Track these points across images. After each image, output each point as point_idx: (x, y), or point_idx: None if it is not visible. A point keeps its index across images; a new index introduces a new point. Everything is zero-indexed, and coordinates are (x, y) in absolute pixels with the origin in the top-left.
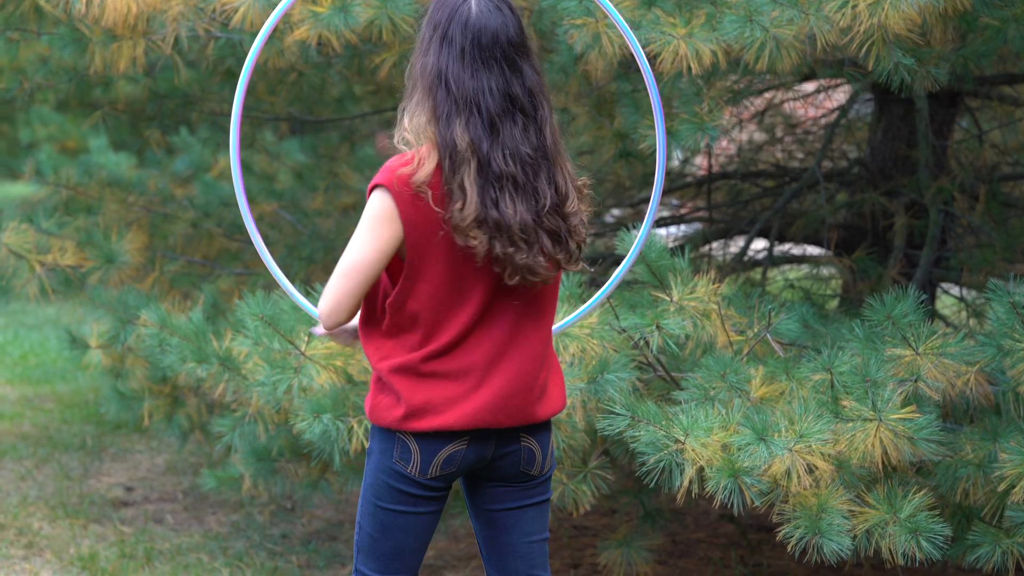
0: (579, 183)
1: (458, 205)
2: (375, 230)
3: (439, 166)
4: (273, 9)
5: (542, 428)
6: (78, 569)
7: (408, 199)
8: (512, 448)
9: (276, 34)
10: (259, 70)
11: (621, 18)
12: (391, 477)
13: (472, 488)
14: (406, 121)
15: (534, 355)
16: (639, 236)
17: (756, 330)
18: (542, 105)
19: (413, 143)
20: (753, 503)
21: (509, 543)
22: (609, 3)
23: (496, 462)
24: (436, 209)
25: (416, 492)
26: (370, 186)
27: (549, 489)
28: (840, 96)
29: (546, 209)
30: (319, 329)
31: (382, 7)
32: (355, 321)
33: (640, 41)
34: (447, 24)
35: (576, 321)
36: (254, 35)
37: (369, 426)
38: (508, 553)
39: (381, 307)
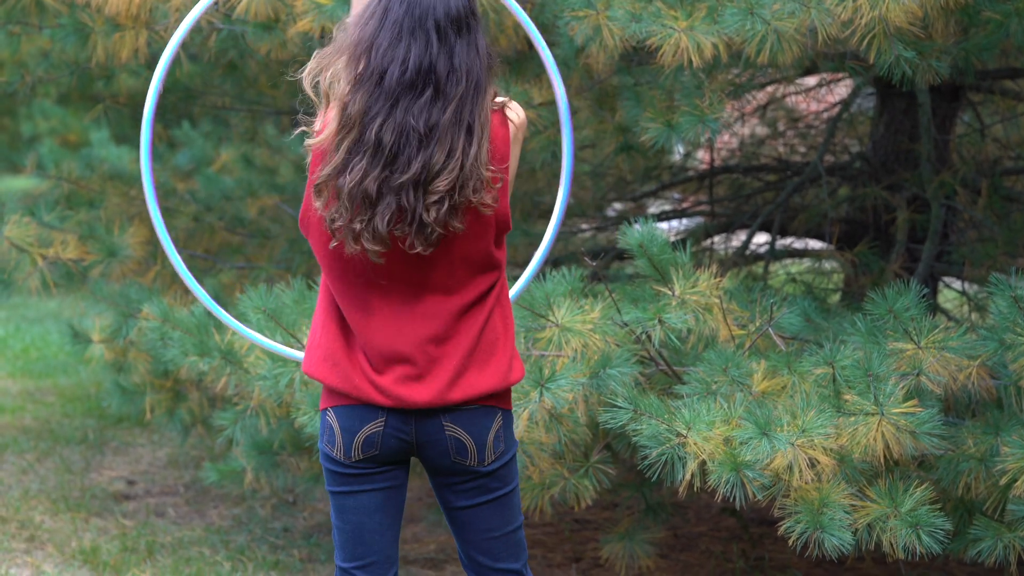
0: (486, 173)
1: (325, 167)
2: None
3: (335, 130)
4: None
5: (470, 416)
6: (80, 562)
7: (315, 160)
8: (435, 437)
9: (279, 25)
10: (261, 62)
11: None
12: (326, 461)
13: (433, 483)
14: (328, 73)
15: (435, 334)
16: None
17: (758, 324)
18: (461, 83)
19: (324, 91)
20: (755, 497)
21: (470, 539)
22: None
23: (423, 451)
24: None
25: (351, 472)
26: None
27: (509, 480)
28: (842, 90)
29: (401, 182)
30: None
31: None
32: None
33: (641, 34)
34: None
35: (525, 287)
36: (257, 26)
37: None
38: (472, 548)
39: None
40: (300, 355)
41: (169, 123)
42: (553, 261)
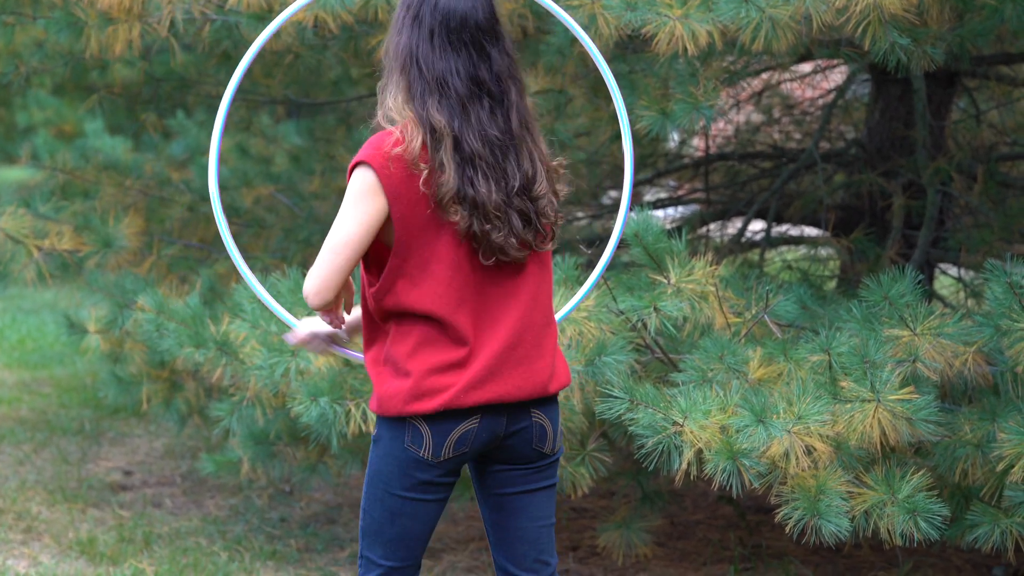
0: (553, 164)
1: (443, 179)
2: (360, 205)
3: (424, 143)
4: None
5: (552, 403)
6: (77, 553)
7: (394, 176)
8: (524, 424)
9: (272, 15)
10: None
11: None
12: (404, 463)
13: (480, 472)
14: (389, 101)
15: (535, 330)
16: (621, 216)
17: (754, 311)
18: (510, 89)
19: (397, 120)
20: (751, 485)
21: (518, 527)
22: None
23: (508, 440)
24: (424, 186)
25: (428, 478)
26: (351, 164)
27: (556, 473)
28: (837, 77)
29: (515, 190)
30: (292, 337)
31: None
32: (327, 327)
33: (636, 22)
34: (419, 5)
35: (577, 306)
36: (250, 17)
37: (365, 408)
38: (516, 538)
39: (371, 298)
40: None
41: (163, 113)
42: None
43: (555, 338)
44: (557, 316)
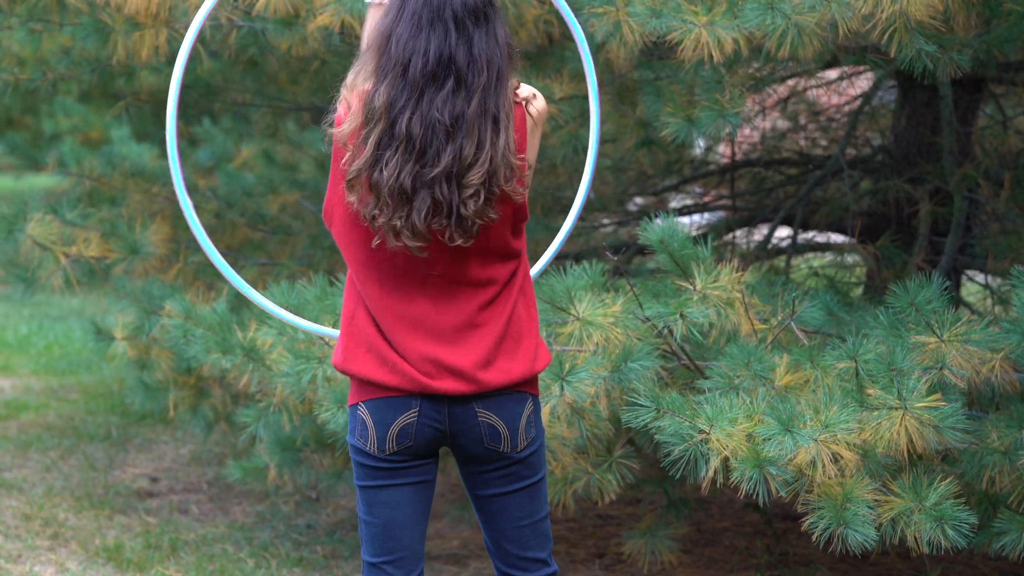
0: (513, 160)
1: (356, 159)
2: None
3: (361, 124)
4: None
5: (502, 402)
6: (103, 560)
7: (337, 150)
8: (469, 423)
9: (299, 20)
10: (282, 58)
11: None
12: (357, 455)
13: (462, 472)
14: (351, 76)
15: (466, 322)
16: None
17: (780, 318)
18: (483, 73)
19: (346, 96)
20: (778, 493)
21: (500, 528)
22: None
23: (457, 439)
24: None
25: (383, 466)
26: None
27: (539, 469)
28: (863, 83)
29: (433, 175)
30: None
31: None
32: None
33: (661, 29)
34: None
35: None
36: (277, 23)
37: None
38: (500, 537)
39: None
40: (333, 332)
41: (190, 120)
42: (575, 255)
43: (500, 331)
44: (533, 271)
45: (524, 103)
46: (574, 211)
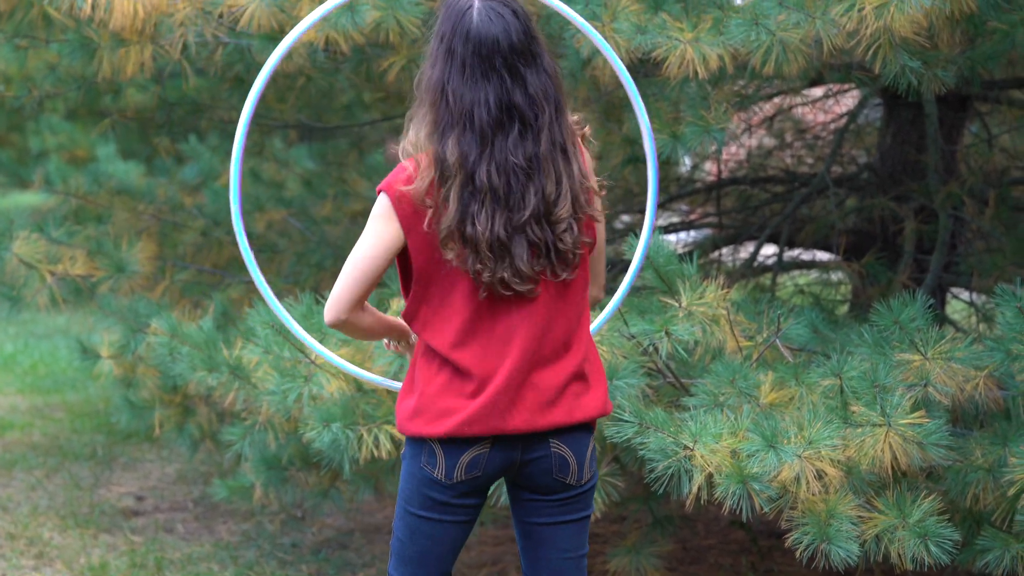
0: (589, 184)
1: (443, 216)
2: (376, 227)
3: (433, 181)
4: (279, 8)
5: (575, 433)
6: None
7: (406, 209)
8: (540, 453)
9: (282, 35)
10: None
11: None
12: (420, 482)
13: (514, 498)
14: (411, 134)
15: (546, 361)
16: (643, 242)
17: (765, 336)
18: (544, 111)
19: (413, 154)
20: (762, 509)
21: (545, 557)
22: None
23: (526, 468)
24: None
25: (443, 498)
26: (378, 189)
27: (591, 504)
28: (849, 101)
29: (524, 219)
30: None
31: (389, 8)
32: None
33: (646, 45)
34: (451, 36)
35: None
36: (263, 39)
37: (377, 434)
38: (543, 567)
39: (403, 319)
40: (396, 385)
41: (176, 137)
42: None
43: (580, 366)
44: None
45: (580, 128)
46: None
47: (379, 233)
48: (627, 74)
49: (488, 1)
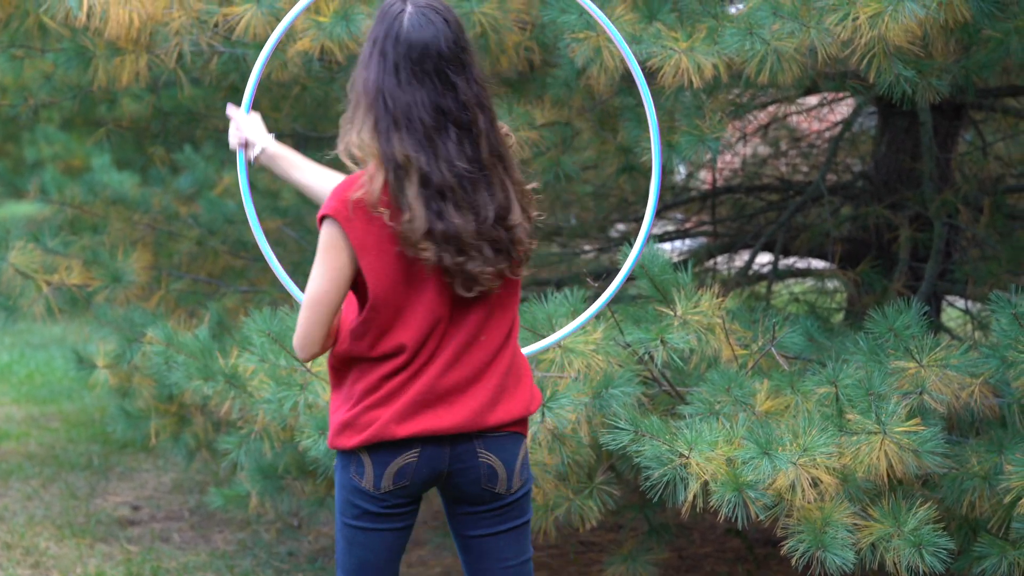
0: (525, 188)
1: (407, 217)
2: (327, 260)
3: (386, 182)
4: (275, 17)
5: (502, 441)
6: None
7: (357, 225)
8: (469, 463)
9: (279, 46)
10: (263, 85)
11: (619, 34)
12: (351, 492)
13: (449, 512)
14: (353, 135)
15: (478, 359)
16: (633, 254)
17: (761, 344)
18: (478, 118)
19: (358, 156)
20: (757, 517)
21: (487, 569)
22: (605, 17)
23: (453, 478)
24: (390, 224)
25: (373, 508)
26: (318, 216)
27: (527, 510)
28: (844, 109)
29: (488, 221)
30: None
31: None
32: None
33: (641, 55)
34: (383, 39)
35: (569, 336)
36: (258, 48)
37: None
38: (488, 573)
39: (346, 334)
40: None
41: (171, 147)
42: (556, 282)
43: (509, 368)
44: (540, 345)
45: (508, 139)
46: (634, 253)
47: (332, 265)
48: (644, 80)
49: (420, 7)
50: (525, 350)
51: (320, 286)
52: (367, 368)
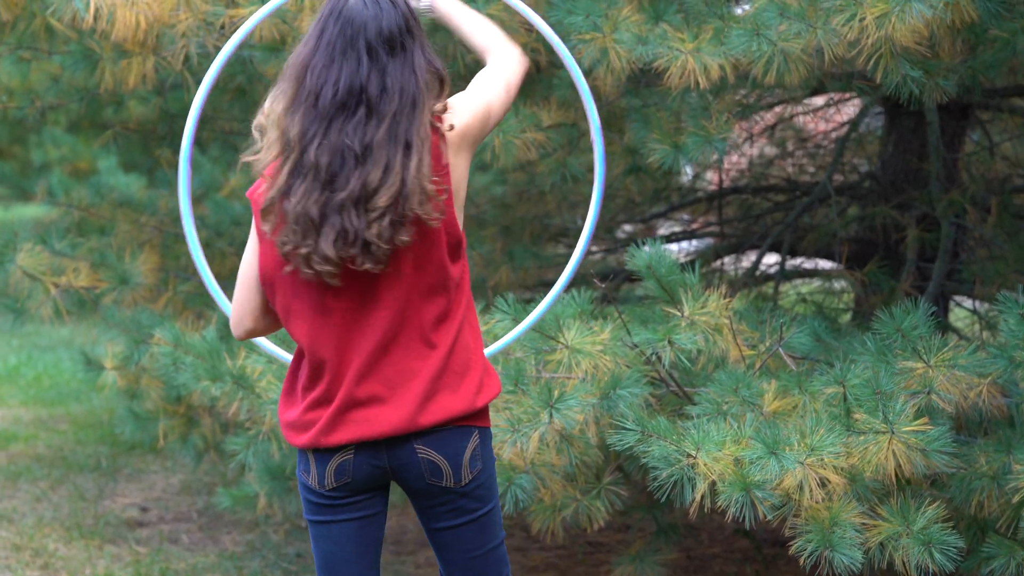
0: (426, 184)
1: (264, 187)
2: (250, 235)
3: (277, 155)
4: (281, 19)
5: (444, 438)
6: None
7: (260, 200)
8: (408, 460)
9: (286, 47)
10: (269, 86)
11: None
12: (304, 489)
13: (414, 506)
14: (267, 105)
15: (397, 359)
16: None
17: (768, 344)
18: (394, 101)
19: (264, 126)
20: (765, 517)
21: (451, 559)
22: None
23: (399, 474)
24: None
25: (324, 502)
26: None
27: (487, 499)
28: (850, 110)
29: (339, 201)
30: None
31: None
32: None
33: (648, 56)
34: (327, 17)
35: (512, 343)
36: (264, 50)
37: None
38: (452, 569)
39: None
40: None
41: (178, 149)
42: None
43: (444, 365)
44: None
45: (442, 127)
46: (580, 246)
47: (251, 241)
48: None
49: None
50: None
51: (242, 263)
52: (306, 364)
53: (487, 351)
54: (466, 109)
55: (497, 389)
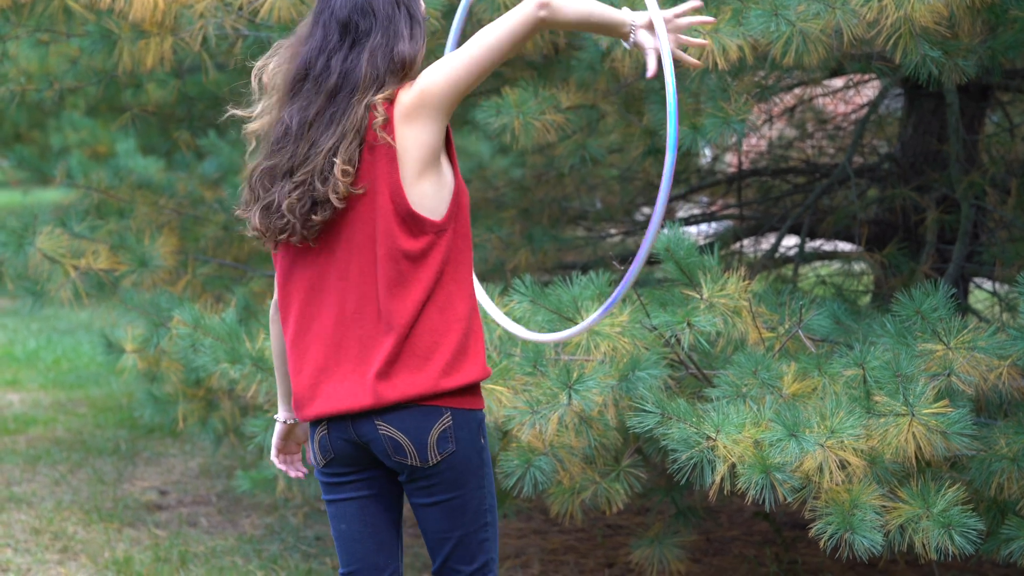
0: (339, 164)
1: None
2: None
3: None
4: (299, 0)
5: (407, 416)
6: (113, 573)
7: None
8: (371, 436)
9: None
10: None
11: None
12: (314, 469)
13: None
14: (272, 63)
15: (356, 334)
16: (645, 242)
17: (787, 327)
18: (332, 80)
19: (253, 81)
20: (785, 499)
21: (424, 533)
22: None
23: (369, 448)
24: None
25: (326, 480)
26: None
27: (462, 485)
28: (870, 91)
29: (270, 175)
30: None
31: None
32: None
33: None
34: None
35: (584, 329)
36: (282, 31)
37: None
38: (428, 544)
39: None
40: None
41: (196, 132)
42: (582, 265)
43: (406, 340)
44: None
45: (383, 113)
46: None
47: None
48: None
49: None
50: (548, 336)
51: None
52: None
53: (580, 326)
54: (428, 76)
55: (477, 374)
